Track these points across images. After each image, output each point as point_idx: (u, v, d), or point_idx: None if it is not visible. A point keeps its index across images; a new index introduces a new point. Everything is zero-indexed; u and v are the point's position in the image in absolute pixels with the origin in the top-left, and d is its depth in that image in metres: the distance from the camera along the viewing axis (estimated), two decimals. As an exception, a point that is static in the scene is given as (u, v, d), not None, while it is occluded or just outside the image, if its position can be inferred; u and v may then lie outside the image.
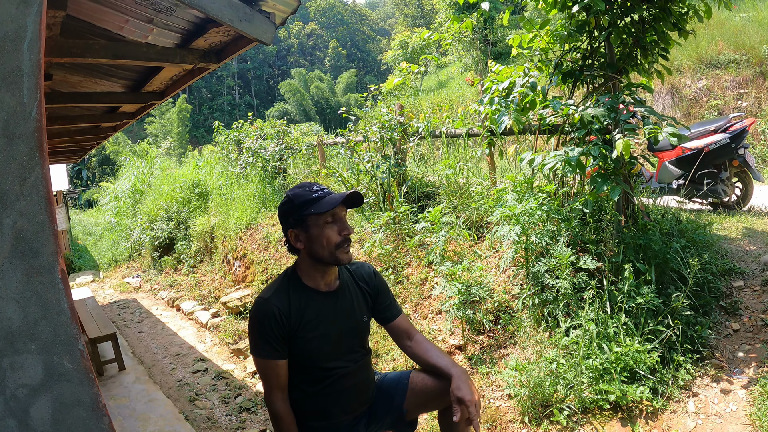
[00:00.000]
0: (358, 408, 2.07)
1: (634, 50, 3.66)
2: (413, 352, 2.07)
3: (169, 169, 13.78)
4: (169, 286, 9.45)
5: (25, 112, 1.23)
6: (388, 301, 2.13)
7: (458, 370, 1.90)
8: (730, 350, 3.02)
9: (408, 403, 2.08)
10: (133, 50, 2.67)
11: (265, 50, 67.60)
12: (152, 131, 36.76)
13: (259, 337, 1.85)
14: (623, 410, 2.79)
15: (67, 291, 1.28)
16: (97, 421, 1.29)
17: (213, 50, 2.88)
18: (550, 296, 3.35)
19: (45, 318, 1.24)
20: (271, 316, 1.83)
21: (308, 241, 1.87)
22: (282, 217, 1.92)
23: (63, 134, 5.75)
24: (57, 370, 1.24)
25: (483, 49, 16.29)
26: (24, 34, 1.22)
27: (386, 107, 6.06)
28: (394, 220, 5.22)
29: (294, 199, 1.86)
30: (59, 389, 1.25)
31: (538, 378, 2.86)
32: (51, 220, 1.26)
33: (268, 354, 1.85)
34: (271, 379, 1.88)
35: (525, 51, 4.20)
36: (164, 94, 4.00)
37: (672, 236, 3.56)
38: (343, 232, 1.88)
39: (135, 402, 4.85)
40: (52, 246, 1.26)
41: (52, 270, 1.25)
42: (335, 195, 1.86)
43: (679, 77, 9.39)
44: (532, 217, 3.46)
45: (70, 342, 1.26)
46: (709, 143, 5.11)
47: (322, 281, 1.95)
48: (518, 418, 2.94)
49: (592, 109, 3.20)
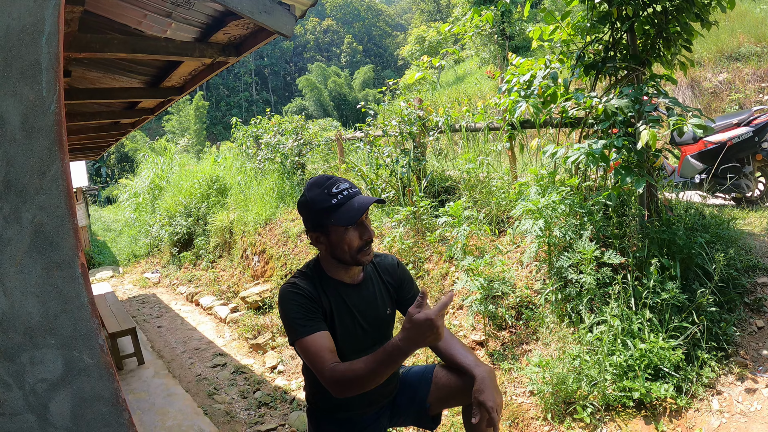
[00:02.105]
0: (382, 400, 2.04)
1: (657, 42, 3.56)
2: (437, 348, 1.99)
3: (188, 166, 13.91)
4: (188, 281, 9.54)
5: (44, 106, 1.22)
6: (412, 292, 2.08)
7: (482, 371, 1.82)
8: (755, 348, 2.94)
9: (431, 397, 2.04)
10: (152, 45, 2.67)
11: (282, 47, 67.95)
12: (170, 128, 37.20)
13: (295, 316, 1.74)
14: (647, 408, 2.73)
15: (87, 285, 1.27)
16: (117, 416, 1.28)
17: (232, 44, 2.87)
18: (573, 291, 3.29)
19: (65, 312, 1.23)
20: (301, 295, 1.77)
21: (329, 245, 1.82)
22: (302, 215, 1.87)
23: (82, 131, 5.81)
24: (77, 364, 1.24)
25: (501, 43, 16.13)
26: (42, 28, 1.22)
27: (405, 101, 6.02)
28: (414, 215, 5.19)
29: (312, 205, 1.78)
30: (79, 384, 1.24)
31: (562, 375, 2.81)
32: (71, 215, 1.25)
33: (310, 328, 1.73)
34: (323, 353, 1.69)
35: (545, 43, 4.12)
36: (183, 90, 4.01)
37: (696, 231, 3.47)
38: (365, 237, 1.81)
39: (154, 396, 4.89)
40: (72, 240, 1.25)
41: (72, 264, 1.24)
42: (355, 203, 1.76)
43: (699, 70, 9.19)
44: (555, 211, 3.39)
45: (90, 337, 1.25)
46: (732, 137, 4.99)
47: (346, 275, 1.92)
48: (540, 415, 2.90)
49: (616, 100, 3.12)
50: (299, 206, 1.86)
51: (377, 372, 1.58)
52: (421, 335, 1.52)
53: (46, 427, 1.20)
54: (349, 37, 71.57)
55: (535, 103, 3.54)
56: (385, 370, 1.59)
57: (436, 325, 1.50)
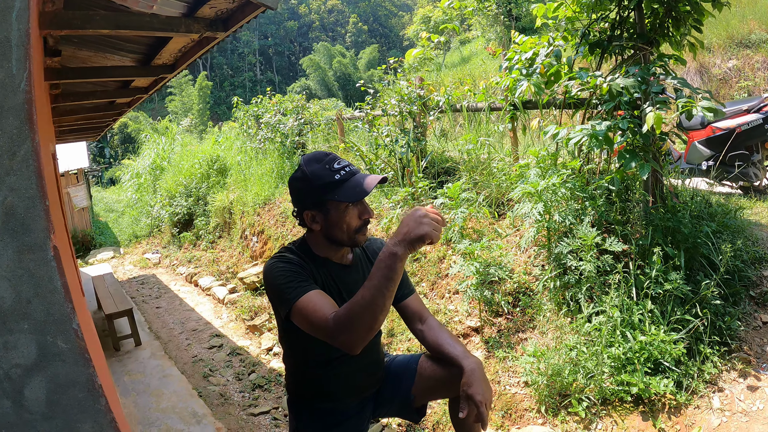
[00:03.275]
0: (366, 391, 1.96)
1: (666, 21, 3.40)
2: (424, 337, 1.91)
3: (190, 146, 13.81)
4: (187, 261, 9.52)
5: (14, 84, 1.20)
6: (401, 277, 1.98)
7: (471, 363, 1.72)
8: (759, 344, 2.83)
9: (415, 389, 1.96)
10: (136, 20, 2.54)
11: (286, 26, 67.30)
12: (173, 109, 37.01)
13: (284, 282, 1.60)
14: (645, 403, 2.63)
15: (60, 268, 1.25)
16: (93, 402, 1.26)
17: (220, 18, 2.73)
18: (572, 279, 3.17)
19: (37, 296, 1.20)
20: (289, 263, 1.66)
21: (326, 224, 1.71)
22: (295, 193, 1.74)
23: (77, 111, 5.71)
24: (51, 350, 1.22)
25: (507, 24, 15.82)
26: (12, 4, 1.20)
27: (406, 80, 5.87)
28: (412, 196, 5.08)
29: (313, 180, 1.66)
30: (54, 369, 1.22)
31: (557, 366, 2.71)
32: (42, 196, 1.23)
33: (304, 289, 1.58)
34: (319, 310, 1.53)
35: (549, 21, 3.96)
36: (175, 67, 3.88)
37: (702, 220, 3.34)
38: (364, 216, 1.72)
39: (150, 377, 4.88)
40: (44, 222, 1.22)
41: (44, 247, 1.22)
42: (360, 179, 1.66)
43: (708, 56, 9.01)
44: (555, 194, 3.27)
45: (64, 321, 1.23)
46: (741, 123, 4.84)
47: (335, 256, 1.81)
48: (534, 406, 2.81)
49: (621, 79, 2.98)
50: (294, 182, 1.72)
51: (380, 290, 1.42)
52: (415, 224, 1.41)
53: (22, 413, 1.19)
54: (354, 17, 70.65)
55: (537, 82, 3.39)
56: (387, 284, 1.42)
57: (429, 213, 1.41)
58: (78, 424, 1.24)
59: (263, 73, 64.69)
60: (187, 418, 4.02)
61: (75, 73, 3.86)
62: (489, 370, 3.19)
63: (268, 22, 66.46)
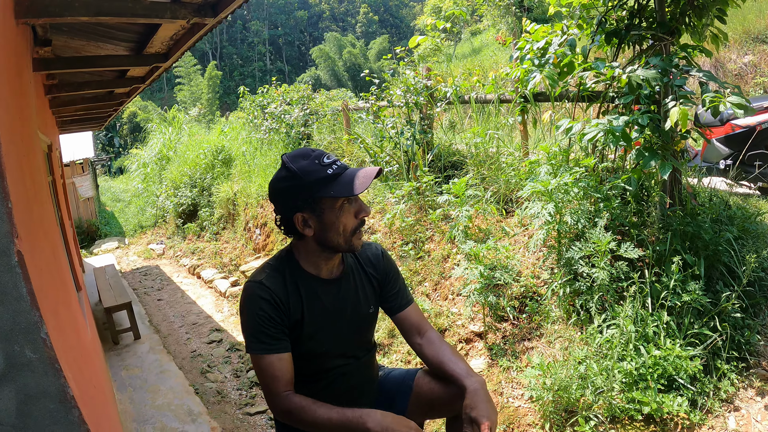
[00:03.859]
0: (356, 406, 1.80)
1: (687, 9, 3.17)
2: (423, 352, 1.73)
3: (197, 136, 13.71)
4: (191, 253, 9.45)
5: None
6: (397, 288, 1.80)
7: (474, 383, 1.55)
8: (779, 360, 2.63)
9: (411, 407, 1.80)
10: (117, 6, 2.38)
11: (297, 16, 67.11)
12: (181, 98, 37.03)
13: (254, 328, 1.52)
14: (656, 423, 2.44)
15: (25, 274, 1.19)
16: (65, 413, 1.23)
17: (207, 3, 2.57)
18: (583, 286, 2.97)
19: (1, 304, 1.15)
20: (265, 301, 1.52)
21: (320, 227, 1.54)
22: (282, 196, 1.56)
23: (76, 101, 5.61)
24: (18, 359, 1.17)
25: (518, 15, 15.51)
26: None
27: (412, 70, 5.66)
28: (417, 191, 4.91)
29: (303, 176, 1.49)
30: (22, 380, 1.18)
31: (564, 380, 2.52)
32: (3, 197, 1.16)
33: (269, 347, 1.52)
34: (275, 376, 1.51)
35: (563, 9, 3.74)
36: (168, 56, 3.74)
37: (721, 224, 3.12)
38: (361, 214, 1.56)
39: (147, 373, 4.80)
40: (6, 226, 1.16)
41: (7, 252, 1.16)
42: (356, 172, 1.51)
43: (724, 51, 8.78)
44: (567, 194, 3.07)
45: (30, 330, 1.19)
46: (762, 121, 4.61)
47: (325, 267, 1.64)
48: (538, 422, 2.63)
49: (641, 70, 2.75)
50: (279, 182, 1.54)
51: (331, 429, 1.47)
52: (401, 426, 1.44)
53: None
54: (365, 7, 70.15)
55: (550, 73, 3.18)
56: None
57: None
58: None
59: (273, 62, 64.55)
60: (182, 416, 3.94)
61: (68, 62, 3.74)
62: (492, 380, 3.02)
63: (278, 12, 66.25)
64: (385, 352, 3.92)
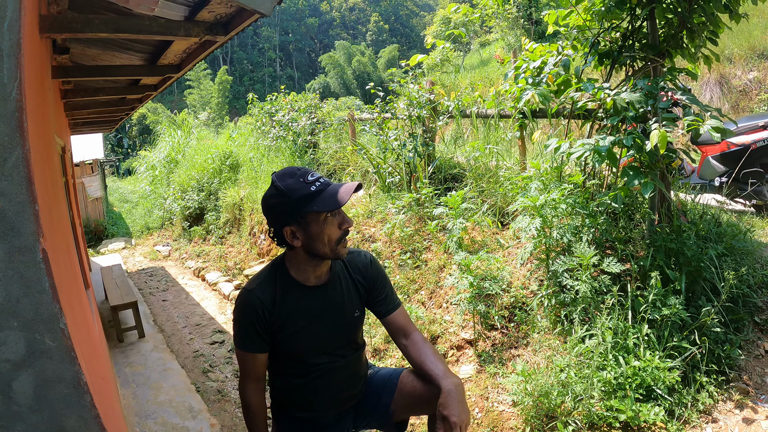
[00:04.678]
0: (345, 403, 1.97)
1: (680, 32, 3.31)
2: (407, 353, 1.90)
3: (205, 140, 13.90)
4: (196, 255, 9.59)
5: (5, 93, 1.23)
6: (384, 294, 1.96)
7: (449, 384, 1.70)
8: (759, 374, 2.72)
9: (395, 404, 1.95)
10: (135, 24, 2.53)
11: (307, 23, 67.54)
12: (191, 102, 37.32)
13: (240, 329, 1.77)
14: (634, 431, 2.54)
15: (48, 270, 1.29)
16: (78, 398, 1.31)
17: (219, 22, 2.72)
18: (568, 298, 3.10)
19: (26, 296, 1.25)
20: (252, 309, 1.73)
21: (307, 239, 1.71)
22: (272, 211, 1.73)
23: (90, 105, 5.80)
24: (38, 347, 1.27)
25: (527, 28, 15.66)
26: (4, 14, 1.23)
27: (416, 83, 5.82)
28: (417, 202, 5.04)
29: (289, 194, 1.66)
30: (41, 366, 1.27)
31: (546, 387, 2.64)
32: (32, 201, 1.27)
33: (247, 346, 1.78)
34: (247, 369, 1.82)
35: (561, 29, 3.89)
36: (180, 67, 3.90)
37: (709, 240, 3.23)
38: (344, 226, 1.73)
39: (150, 370, 4.93)
40: (33, 226, 1.26)
41: (33, 249, 1.26)
42: (337, 188, 1.68)
43: (729, 67, 8.77)
44: (555, 210, 3.21)
45: (51, 320, 1.28)
46: (756, 140, 4.70)
47: (313, 274, 1.81)
48: (521, 426, 2.75)
49: (627, 93, 2.89)
50: (269, 199, 1.72)
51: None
52: None
53: (10, 405, 1.24)
54: (375, 16, 70.61)
55: (543, 92, 3.32)
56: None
57: None
58: (63, 418, 1.29)
59: (283, 68, 64.99)
60: (183, 412, 4.06)
61: (85, 71, 3.92)
62: (479, 385, 3.14)
63: (289, 18, 66.78)
64: (381, 356, 4.05)
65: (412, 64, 4.60)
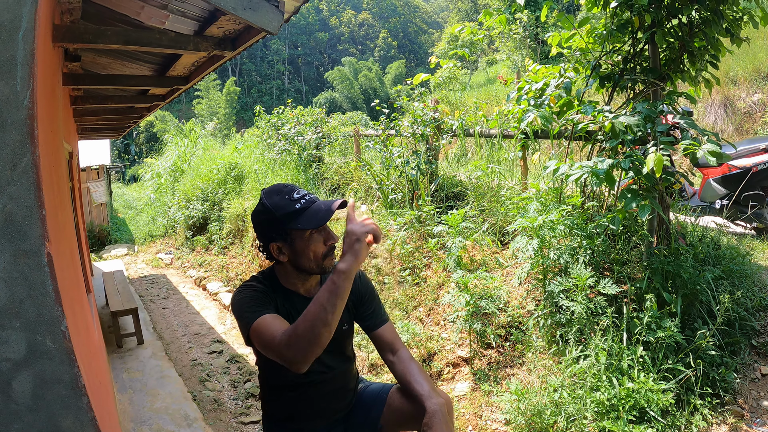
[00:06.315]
0: (334, 415, 1.98)
1: (682, 56, 3.36)
2: (394, 369, 1.91)
3: (212, 150, 14.00)
4: (198, 264, 9.62)
5: (18, 101, 1.27)
6: (372, 308, 1.99)
7: (434, 404, 1.72)
8: (755, 397, 2.72)
9: (384, 419, 1.96)
10: (146, 37, 2.61)
11: (317, 37, 68.23)
12: (199, 111, 37.63)
13: (248, 303, 1.66)
14: (626, 452, 2.56)
15: (52, 274, 1.33)
16: (76, 399, 1.34)
17: (228, 38, 2.80)
18: (564, 318, 3.12)
19: (30, 298, 1.29)
20: (255, 290, 1.72)
21: (293, 254, 1.74)
22: (259, 227, 1.77)
23: (99, 113, 5.91)
24: (39, 348, 1.30)
25: (533, 48, 15.81)
26: (19, 24, 1.27)
27: (421, 101, 5.89)
28: (418, 219, 5.08)
29: (275, 211, 1.70)
30: (41, 366, 1.30)
31: (539, 406, 2.65)
32: (39, 205, 1.30)
33: (261, 311, 1.62)
34: (274, 333, 1.55)
35: (565, 50, 3.95)
36: (188, 80, 3.98)
37: (707, 263, 3.25)
38: (329, 242, 1.76)
39: (148, 377, 4.93)
40: (39, 230, 1.30)
41: (38, 253, 1.30)
42: (321, 206, 1.71)
43: (733, 89, 8.81)
44: (553, 230, 3.24)
45: (53, 323, 1.31)
46: (757, 163, 4.73)
47: (302, 287, 1.85)
48: (514, 445, 2.76)
49: (625, 117, 2.94)
50: (257, 215, 1.76)
51: (323, 305, 1.45)
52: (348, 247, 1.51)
53: (9, 403, 1.26)
54: (384, 32, 71.35)
55: (544, 113, 3.38)
56: (332, 299, 1.46)
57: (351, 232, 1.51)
58: (60, 419, 1.32)
59: (291, 81, 65.59)
60: (178, 420, 4.06)
61: (95, 79, 4.00)
62: (473, 403, 3.15)
63: (298, 32, 67.56)
64: (377, 372, 4.05)
65: (415, 83, 4.67)
